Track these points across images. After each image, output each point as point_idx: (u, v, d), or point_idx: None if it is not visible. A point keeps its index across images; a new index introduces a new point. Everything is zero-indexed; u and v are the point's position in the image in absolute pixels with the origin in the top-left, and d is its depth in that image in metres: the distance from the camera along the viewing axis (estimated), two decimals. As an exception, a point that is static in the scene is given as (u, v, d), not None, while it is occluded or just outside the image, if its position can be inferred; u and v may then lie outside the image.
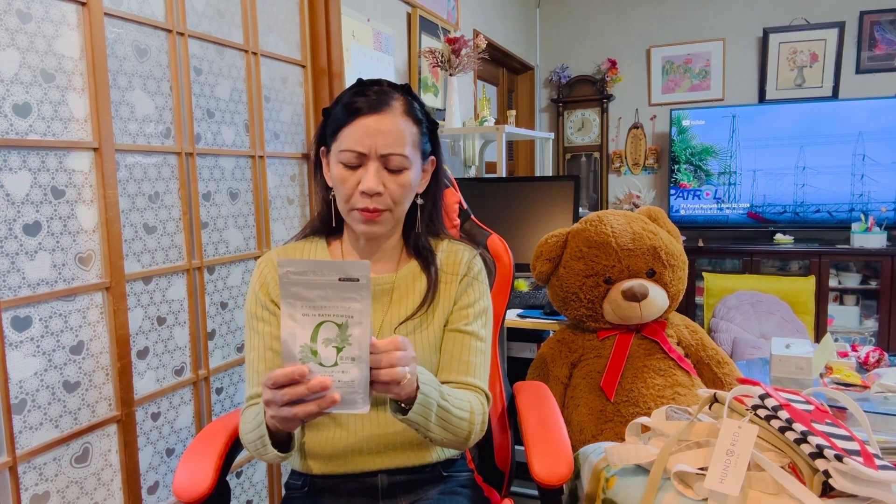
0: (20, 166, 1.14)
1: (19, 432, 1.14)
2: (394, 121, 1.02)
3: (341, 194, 1.04)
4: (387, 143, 1.01)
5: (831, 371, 1.75)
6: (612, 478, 1.13)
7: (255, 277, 1.13)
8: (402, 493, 1.09)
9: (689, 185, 3.98)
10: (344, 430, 1.06)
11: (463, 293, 1.12)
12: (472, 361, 1.09)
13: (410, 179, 1.04)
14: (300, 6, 1.90)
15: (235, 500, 1.66)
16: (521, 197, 2.28)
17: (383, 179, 1.02)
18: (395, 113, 1.02)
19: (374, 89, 1.04)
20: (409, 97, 1.07)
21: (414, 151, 1.05)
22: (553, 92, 4.57)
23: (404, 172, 1.03)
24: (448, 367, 1.09)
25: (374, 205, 1.02)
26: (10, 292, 1.13)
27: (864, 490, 0.88)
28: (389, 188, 1.02)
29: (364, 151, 1.01)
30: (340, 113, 1.04)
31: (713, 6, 4.13)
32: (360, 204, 1.02)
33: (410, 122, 1.04)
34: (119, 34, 1.33)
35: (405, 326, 1.08)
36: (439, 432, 0.98)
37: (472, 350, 1.10)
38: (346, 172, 1.02)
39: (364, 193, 1.01)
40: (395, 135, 1.01)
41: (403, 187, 1.04)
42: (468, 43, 2.70)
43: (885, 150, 3.61)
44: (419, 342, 1.08)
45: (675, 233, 1.81)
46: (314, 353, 0.80)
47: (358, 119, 1.01)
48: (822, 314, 3.58)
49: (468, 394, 1.06)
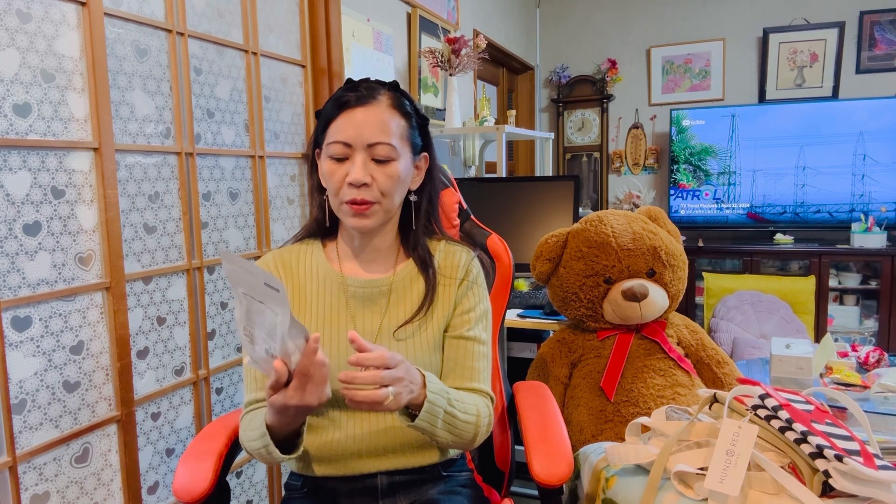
0: (20, 166, 1.14)
1: (19, 432, 1.14)
2: (380, 112, 1.03)
3: (331, 188, 1.04)
4: (373, 133, 1.01)
5: (831, 371, 1.75)
6: (612, 478, 1.13)
7: None
8: (402, 493, 1.10)
9: (688, 186, 3.98)
10: (343, 433, 1.06)
11: (463, 297, 1.12)
12: (476, 367, 1.11)
13: (399, 171, 1.04)
14: (300, 6, 1.90)
15: (235, 500, 1.66)
16: (521, 197, 2.28)
17: (371, 171, 1.02)
18: (381, 105, 1.04)
19: (363, 85, 1.06)
20: (397, 92, 1.08)
21: (402, 143, 1.05)
22: (553, 92, 4.57)
23: (392, 163, 1.03)
24: (452, 373, 1.10)
25: (362, 196, 1.01)
26: (10, 292, 1.13)
27: (864, 490, 0.88)
28: (377, 179, 1.02)
29: (349, 142, 1.01)
30: (329, 109, 1.05)
31: (713, 6, 4.13)
32: (348, 196, 1.02)
33: (398, 115, 1.05)
34: (119, 34, 1.33)
35: (404, 330, 1.08)
36: (445, 436, 1.00)
37: (475, 355, 1.11)
38: (334, 166, 1.03)
39: (352, 185, 1.01)
40: (382, 125, 1.02)
41: (392, 178, 1.03)
42: (468, 43, 2.70)
43: (885, 150, 3.61)
44: (419, 345, 1.08)
45: (675, 233, 1.81)
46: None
47: (345, 112, 1.03)
48: (822, 314, 3.58)
49: (475, 397, 1.07)
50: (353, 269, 1.12)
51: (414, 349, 1.07)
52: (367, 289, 1.09)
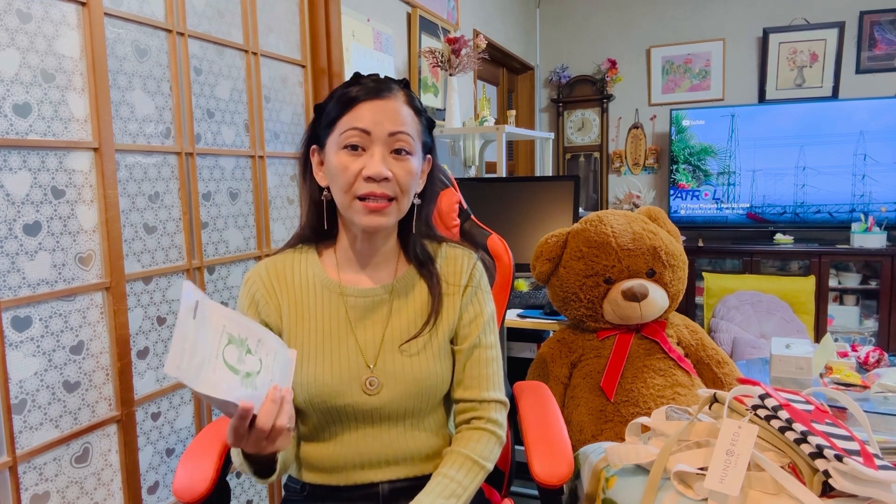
0: (20, 166, 1.14)
1: (19, 432, 1.14)
2: (398, 105, 0.98)
3: (341, 183, 0.97)
4: (394, 123, 0.96)
5: (831, 371, 1.75)
6: (612, 478, 1.13)
7: (244, 295, 1.07)
8: (404, 499, 1.08)
9: (687, 186, 3.98)
10: (343, 447, 1.04)
11: (468, 304, 1.08)
12: (487, 374, 1.08)
13: (415, 167, 0.99)
14: (300, 6, 1.90)
15: (235, 500, 1.66)
16: (521, 197, 2.28)
17: (389, 165, 0.96)
18: (398, 99, 0.99)
19: (373, 78, 1.01)
20: (409, 91, 1.04)
21: (417, 140, 1.00)
22: (553, 92, 4.57)
23: (410, 158, 0.98)
24: (464, 383, 1.07)
25: (383, 190, 0.95)
26: (10, 292, 1.13)
27: (864, 490, 0.88)
28: (396, 174, 0.96)
29: (369, 129, 0.95)
30: (337, 103, 0.99)
31: (713, 6, 4.13)
32: (363, 190, 0.95)
33: (412, 112, 1.01)
34: (119, 34, 1.33)
35: (410, 346, 1.04)
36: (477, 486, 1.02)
37: (486, 362, 1.08)
38: (349, 158, 0.96)
39: (370, 179, 0.94)
40: (401, 117, 0.97)
41: (410, 174, 0.98)
42: (468, 43, 2.70)
43: (886, 150, 3.61)
44: (426, 357, 1.04)
45: (675, 233, 1.81)
46: (247, 375, 0.80)
47: (359, 104, 0.97)
48: (822, 314, 3.58)
49: (478, 446, 1.04)
50: (352, 277, 1.06)
51: (419, 361, 1.04)
52: (368, 298, 1.04)
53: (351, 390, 1.01)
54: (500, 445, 1.07)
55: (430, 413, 1.07)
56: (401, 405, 1.02)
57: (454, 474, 0.99)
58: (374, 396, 1.01)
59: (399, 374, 1.02)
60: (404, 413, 1.04)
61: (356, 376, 1.01)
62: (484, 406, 1.07)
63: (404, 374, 1.02)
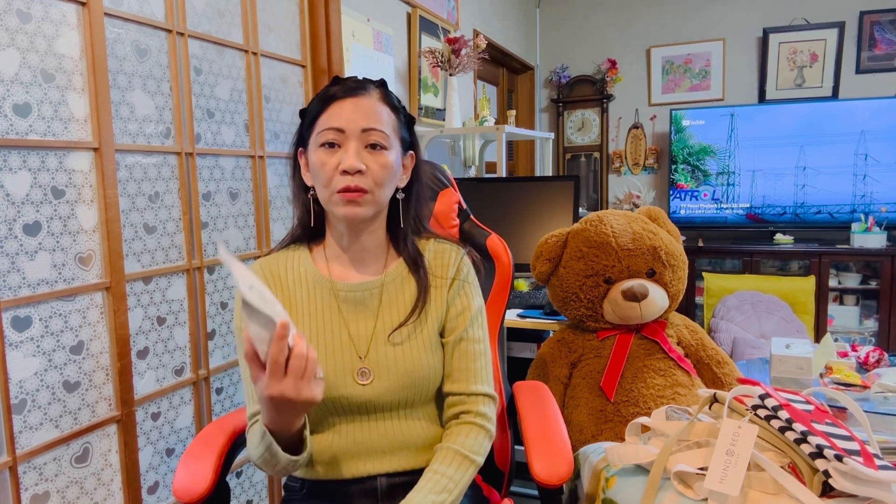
0: (20, 166, 1.14)
1: (19, 432, 1.14)
2: (372, 103, 1.03)
3: (321, 179, 1.02)
4: (368, 119, 1.01)
5: (831, 371, 1.75)
6: (612, 478, 1.13)
7: (239, 295, 1.11)
8: (402, 495, 1.09)
9: (685, 186, 3.98)
10: (340, 437, 1.06)
11: (455, 297, 1.11)
12: (475, 368, 1.10)
13: (391, 161, 1.03)
14: (300, 6, 1.90)
15: (235, 500, 1.66)
16: (521, 197, 2.28)
17: (364, 159, 1.00)
18: (372, 97, 1.04)
19: (349, 79, 1.06)
20: (385, 89, 1.08)
21: (394, 135, 1.05)
22: (553, 92, 4.57)
23: (385, 152, 1.02)
24: (452, 376, 1.10)
25: (357, 182, 0.99)
26: (10, 292, 1.13)
27: (864, 490, 0.88)
28: (371, 168, 1.01)
29: (342, 127, 1.00)
30: (316, 103, 1.04)
31: (713, 6, 4.13)
32: (340, 184, 1.00)
33: (388, 109, 1.05)
34: (119, 34, 1.33)
35: (398, 334, 1.07)
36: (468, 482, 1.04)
37: (474, 356, 1.11)
38: (326, 155, 1.01)
39: (345, 172, 0.99)
40: (375, 114, 1.02)
41: (385, 168, 1.02)
42: (468, 43, 2.70)
43: (886, 150, 3.61)
44: (414, 347, 1.07)
45: (675, 233, 1.81)
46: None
47: (335, 103, 1.02)
48: (822, 314, 3.58)
49: (468, 441, 1.05)
50: (343, 272, 1.10)
51: (410, 352, 1.07)
52: (358, 292, 1.08)
53: (345, 382, 1.04)
54: (489, 439, 1.09)
55: (424, 404, 1.10)
56: (394, 396, 1.05)
57: (445, 470, 1.02)
58: (367, 387, 1.04)
59: (391, 365, 1.05)
60: (398, 404, 1.06)
61: (349, 368, 1.04)
62: (472, 399, 1.09)
63: (396, 365, 1.05)
